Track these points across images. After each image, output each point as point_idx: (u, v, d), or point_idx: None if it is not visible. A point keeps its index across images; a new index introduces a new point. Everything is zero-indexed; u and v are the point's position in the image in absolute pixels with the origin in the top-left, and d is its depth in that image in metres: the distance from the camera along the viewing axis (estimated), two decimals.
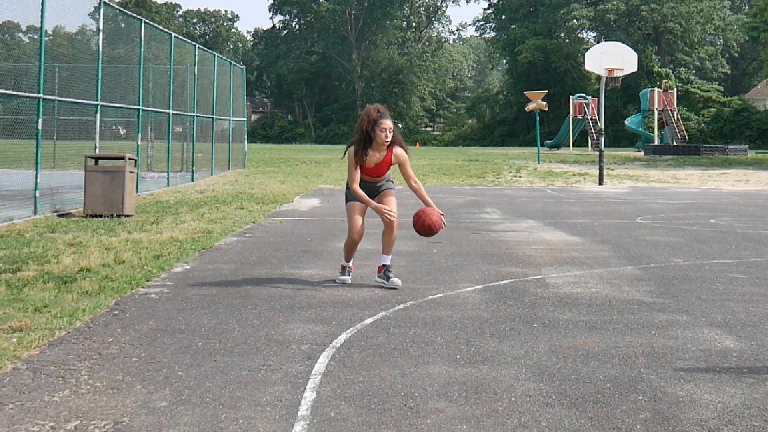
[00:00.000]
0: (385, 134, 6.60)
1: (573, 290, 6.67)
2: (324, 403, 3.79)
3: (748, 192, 19.75)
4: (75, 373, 4.20)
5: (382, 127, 6.58)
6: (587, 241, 9.83)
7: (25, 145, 14.30)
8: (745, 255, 8.79)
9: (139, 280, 6.69)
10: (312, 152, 50.51)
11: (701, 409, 3.78)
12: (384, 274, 6.79)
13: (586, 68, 22.42)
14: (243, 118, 29.44)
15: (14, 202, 11.98)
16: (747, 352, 4.78)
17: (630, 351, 4.77)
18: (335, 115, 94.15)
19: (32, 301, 5.80)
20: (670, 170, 31.16)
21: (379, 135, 6.59)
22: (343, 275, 7.00)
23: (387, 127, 6.60)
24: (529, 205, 15.16)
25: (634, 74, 34.92)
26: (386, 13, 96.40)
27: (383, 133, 6.59)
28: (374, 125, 6.59)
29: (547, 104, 37.38)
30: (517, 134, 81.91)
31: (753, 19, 48.79)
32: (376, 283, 6.79)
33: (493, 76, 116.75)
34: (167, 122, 18.60)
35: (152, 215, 11.89)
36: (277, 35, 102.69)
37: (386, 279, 6.76)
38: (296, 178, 22.92)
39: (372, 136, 6.60)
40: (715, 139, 68.21)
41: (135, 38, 16.79)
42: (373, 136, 6.60)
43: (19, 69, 15.26)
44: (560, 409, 3.76)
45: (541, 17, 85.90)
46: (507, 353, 4.69)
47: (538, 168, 31.21)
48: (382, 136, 6.58)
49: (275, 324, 5.35)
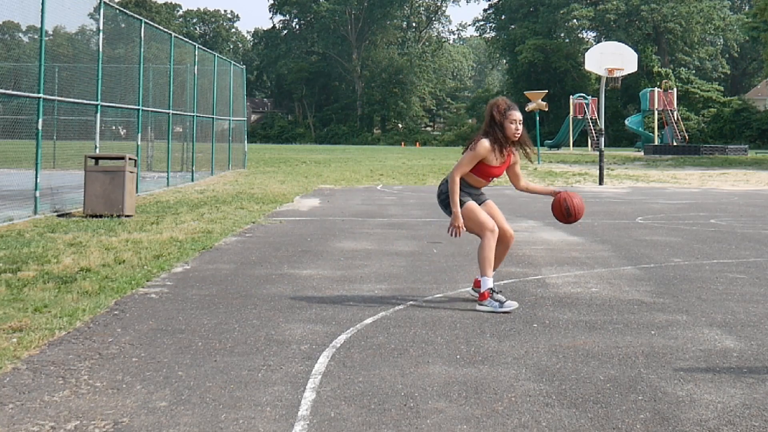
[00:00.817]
0: (515, 126, 5.95)
1: (573, 290, 6.67)
2: (324, 403, 3.79)
3: (748, 192, 19.75)
4: (75, 373, 4.20)
5: (512, 118, 5.95)
6: (587, 241, 9.83)
7: (25, 145, 14.30)
8: (745, 255, 8.79)
9: (139, 280, 6.69)
10: (312, 152, 50.51)
11: (701, 409, 3.78)
12: (491, 297, 5.85)
13: (586, 68, 22.43)
14: (243, 118, 29.44)
15: (14, 202, 11.98)
16: (747, 352, 4.78)
17: (630, 351, 4.77)
18: (335, 115, 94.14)
19: (32, 301, 5.80)
20: (670, 170, 31.16)
21: (509, 128, 5.94)
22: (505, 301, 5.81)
23: (517, 119, 5.96)
24: (529, 205, 15.16)
25: (634, 74, 34.92)
26: (386, 13, 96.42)
27: (513, 125, 5.95)
28: (504, 117, 5.95)
29: (547, 104, 37.37)
30: None
31: (753, 19, 48.80)
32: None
33: (493, 76, 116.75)
34: (167, 122, 18.60)
35: (152, 215, 11.89)
36: (277, 35, 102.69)
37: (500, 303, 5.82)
38: (296, 178, 22.91)
39: (503, 129, 5.95)
40: (715, 139, 68.18)
41: (135, 38, 16.79)
42: (503, 130, 5.95)
43: (19, 69, 15.26)
44: (560, 409, 3.75)
45: (541, 17, 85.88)
46: (507, 353, 4.69)
47: (538, 168, 31.21)
48: (512, 128, 5.94)
49: (275, 324, 5.35)
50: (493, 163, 6.00)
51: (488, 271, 5.86)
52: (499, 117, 5.95)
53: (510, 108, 5.98)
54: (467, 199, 6.05)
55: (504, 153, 6.02)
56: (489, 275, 5.85)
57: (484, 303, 5.81)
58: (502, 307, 5.76)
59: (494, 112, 5.97)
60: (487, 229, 5.93)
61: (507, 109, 5.97)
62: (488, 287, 5.83)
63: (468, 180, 6.08)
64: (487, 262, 5.86)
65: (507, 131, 5.95)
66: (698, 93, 76.11)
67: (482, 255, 5.89)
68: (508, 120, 5.94)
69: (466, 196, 6.07)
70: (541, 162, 36.49)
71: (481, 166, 6.00)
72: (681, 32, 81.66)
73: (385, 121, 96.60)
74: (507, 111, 5.96)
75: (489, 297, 5.81)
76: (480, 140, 5.95)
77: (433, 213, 13.30)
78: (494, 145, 5.94)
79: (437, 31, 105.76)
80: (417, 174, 26.04)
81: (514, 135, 5.96)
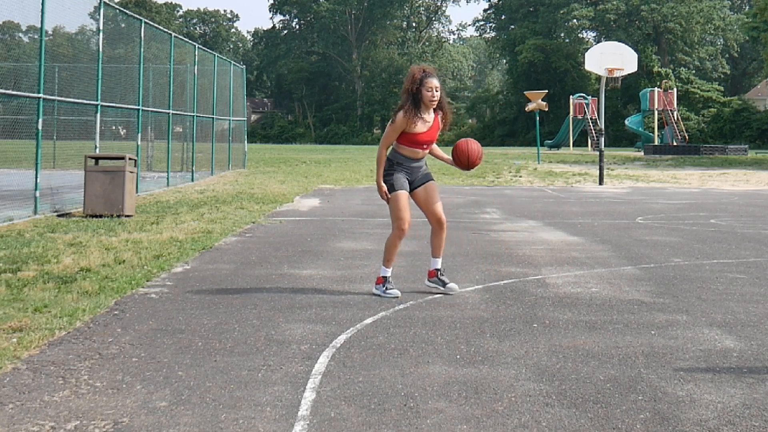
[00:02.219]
0: (432, 93, 6.23)
1: (573, 290, 6.67)
2: (324, 403, 3.79)
3: (748, 192, 19.75)
4: (75, 373, 4.20)
5: (428, 86, 6.22)
6: (587, 241, 9.83)
7: (25, 145, 14.30)
8: (745, 255, 8.79)
9: (139, 280, 6.69)
10: (312, 152, 50.51)
11: (701, 409, 3.78)
12: (438, 279, 6.50)
13: (586, 68, 22.42)
14: (243, 118, 29.44)
15: (14, 202, 11.98)
16: (747, 352, 4.78)
17: (630, 351, 4.77)
18: (335, 115, 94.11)
19: (32, 301, 5.80)
20: (670, 170, 31.16)
21: (426, 95, 6.22)
22: (391, 289, 6.34)
23: (434, 86, 6.24)
24: (529, 205, 15.16)
25: (634, 74, 34.93)
26: (386, 13, 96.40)
27: (429, 92, 6.23)
28: (420, 85, 6.23)
29: (547, 104, 37.36)
30: (517, 134, 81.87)
31: (753, 19, 48.79)
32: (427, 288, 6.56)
33: (493, 76, 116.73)
34: (167, 122, 18.60)
35: (152, 215, 11.89)
36: (277, 35, 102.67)
37: (442, 284, 6.48)
38: (296, 178, 22.91)
39: (419, 97, 6.23)
40: (715, 139, 68.17)
41: (135, 38, 16.79)
42: (420, 98, 6.23)
43: (19, 69, 15.25)
44: (560, 409, 3.76)
45: (541, 17, 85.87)
46: (507, 353, 4.69)
47: (538, 168, 31.21)
48: (428, 95, 6.22)
49: (275, 324, 5.35)
50: (418, 130, 6.27)
51: (386, 263, 6.36)
52: (416, 85, 6.23)
53: (427, 75, 6.26)
54: (402, 185, 6.33)
55: (428, 119, 6.30)
56: (386, 266, 6.36)
57: (377, 287, 6.36)
58: (386, 293, 6.27)
59: (408, 83, 6.28)
60: (397, 227, 6.30)
61: (423, 77, 6.25)
62: (383, 275, 6.35)
63: (402, 152, 6.37)
64: (387, 254, 6.37)
65: (424, 98, 6.22)
66: (698, 93, 76.09)
67: (386, 246, 6.41)
68: (425, 87, 6.22)
69: (402, 175, 6.36)
70: (541, 162, 36.49)
71: (407, 135, 6.28)
72: (681, 32, 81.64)
73: (385, 121, 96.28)
74: (423, 79, 6.24)
75: (381, 283, 6.34)
76: (396, 114, 6.28)
77: None
78: (408, 113, 6.21)
79: (437, 31, 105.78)
80: None
81: (430, 101, 6.23)
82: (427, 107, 6.29)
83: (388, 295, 6.27)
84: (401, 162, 6.37)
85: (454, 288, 6.47)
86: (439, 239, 6.52)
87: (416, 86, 6.26)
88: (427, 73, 6.31)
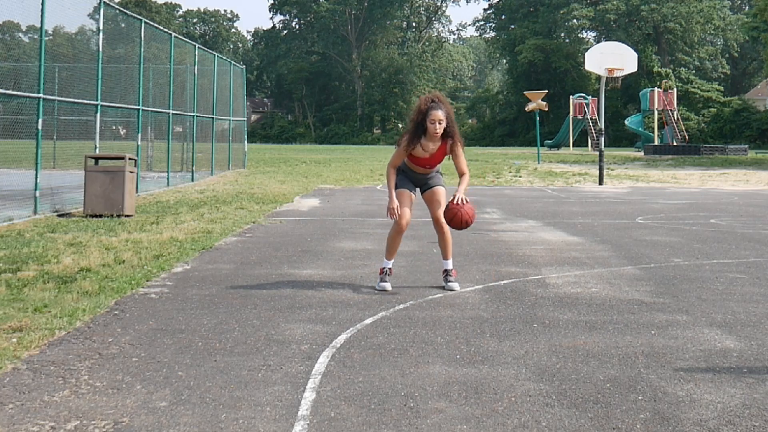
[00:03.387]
0: (435, 126, 6.37)
1: (573, 290, 6.67)
2: (324, 403, 3.79)
3: (748, 192, 19.75)
4: (75, 373, 4.20)
5: (432, 119, 6.37)
6: (587, 241, 9.83)
7: (25, 145, 14.30)
8: (745, 255, 8.79)
9: (139, 280, 6.69)
10: (312, 152, 50.51)
11: (701, 409, 3.78)
12: (444, 279, 6.73)
13: (586, 68, 22.42)
14: (243, 118, 29.44)
15: (14, 202, 11.98)
16: (747, 352, 4.78)
17: (630, 351, 4.77)
18: (335, 115, 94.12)
19: (32, 301, 5.80)
20: (670, 170, 31.16)
21: (429, 127, 6.38)
22: (384, 281, 6.63)
23: (437, 119, 6.36)
24: (529, 205, 15.16)
25: (634, 74, 34.92)
26: (386, 13, 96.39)
27: (433, 125, 6.37)
28: (424, 116, 6.39)
29: (547, 104, 37.36)
30: (517, 134, 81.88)
31: (753, 19, 48.79)
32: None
33: (493, 76, 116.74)
34: (167, 122, 18.60)
35: (152, 215, 11.89)
36: (277, 35, 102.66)
37: (444, 282, 6.71)
38: (296, 178, 22.92)
39: (424, 126, 6.41)
40: (715, 139, 68.18)
41: (135, 38, 16.79)
42: (424, 128, 6.42)
43: (19, 69, 15.25)
44: (560, 409, 3.76)
45: (541, 17, 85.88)
46: (507, 353, 4.69)
47: (538, 168, 31.21)
48: (432, 128, 6.37)
49: (275, 324, 5.35)
50: (419, 155, 6.52)
51: (386, 254, 6.68)
52: (420, 116, 6.41)
53: (431, 108, 6.39)
54: (404, 185, 6.64)
55: (431, 145, 6.47)
56: (387, 258, 6.67)
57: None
58: (378, 285, 6.56)
59: (416, 111, 6.46)
60: (396, 222, 6.54)
61: (428, 109, 6.39)
62: (383, 266, 6.65)
63: (409, 166, 6.68)
64: (387, 246, 6.70)
65: (428, 129, 6.40)
66: (698, 93, 76.11)
67: (387, 239, 6.74)
68: (429, 120, 6.37)
69: (406, 179, 6.68)
70: (541, 162, 36.49)
71: (411, 157, 6.57)
72: (681, 32, 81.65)
73: (385, 121, 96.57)
74: (429, 111, 6.38)
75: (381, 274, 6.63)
76: (401, 139, 6.55)
77: None
78: (411, 143, 6.45)
79: (437, 31, 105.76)
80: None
81: (434, 134, 6.40)
82: (431, 138, 6.45)
83: (379, 287, 6.52)
84: (406, 170, 6.70)
85: (453, 287, 6.61)
86: (442, 241, 6.71)
87: (421, 117, 6.42)
88: (433, 105, 6.41)
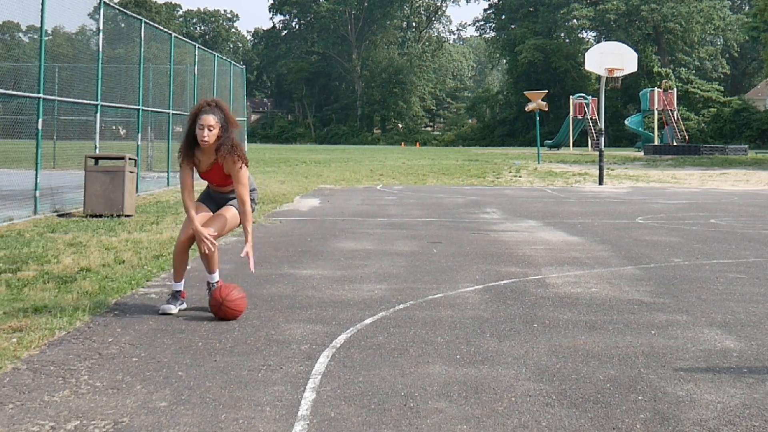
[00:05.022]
0: (204, 132, 5.26)
1: (573, 290, 6.67)
2: (324, 403, 3.79)
3: (748, 192, 19.75)
4: (75, 373, 4.20)
5: (200, 123, 5.27)
6: (587, 241, 9.82)
7: (25, 145, 14.30)
8: (745, 255, 8.79)
9: (139, 280, 6.69)
10: (312, 152, 50.51)
11: (701, 409, 3.78)
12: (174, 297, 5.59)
13: (586, 68, 22.42)
14: (243, 118, 29.45)
15: (14, 202, 11.97)
16: (747, 352, 4.78)
17: (630, 351, 4.77)
18: (335, 115, 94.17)
19: (32, 301, 5.80)
20: (670, 170, 31.16)
21: (198, 133, 5.28)
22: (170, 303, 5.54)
23: (207, 124, 5.25)
24: (529, 205, 15.16)
25: (634, 74, 34.92)
26: (386, 13, 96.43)
27: (202, 131, 5.26)
28: (193, 120, 5.31)
29: (547, 104, 37.39)
30: (517, 134, 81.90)
31: (753, 19, 48.82)
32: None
33: (493, 76, 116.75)
34: (167, 122, 18.61)
35: (152, 215, 11.89)
36: (277, 35, 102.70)
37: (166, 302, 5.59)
38: (296, 178, 22.92)
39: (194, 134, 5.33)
40: (715, 139, 68.19)
41: (135, 38, 16.79)
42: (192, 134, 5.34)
43: (19, 69, 15.25)
44: (560, 409, 3.75)
45: (541, 17, 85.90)
46: (507, 353, 4.69)
47: (538, 168, 31.21)
48: (199, 134, 5.28)
49: (275, 324, 5.35)
50: (201, 168, 5.49)
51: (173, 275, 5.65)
52: (190, 120, 5.38)
53: (201, 111, 5.32)
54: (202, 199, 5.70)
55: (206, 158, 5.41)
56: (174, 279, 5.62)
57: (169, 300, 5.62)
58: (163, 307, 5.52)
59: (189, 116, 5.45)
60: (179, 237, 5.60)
61: (198, 112, 5.34)
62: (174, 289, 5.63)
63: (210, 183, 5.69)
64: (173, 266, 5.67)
65: (197, 136, 5.31)
66: (698, 93, 76.12)
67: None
68: (198, 125, 5.30)
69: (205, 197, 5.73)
70: (541, 162, 36.49)
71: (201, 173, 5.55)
72: (681, 32, 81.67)
73: (385, 121, 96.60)
74: (198, 114, 5.32)
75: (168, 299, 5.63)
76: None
77: (433, 213, 13.30)
78: (184, 155, 5.41)
79: (437, 31, 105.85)
80: (417, 174, 26.04)
81: (201, 141, 5.29)
82: (204, 149, 5.36)
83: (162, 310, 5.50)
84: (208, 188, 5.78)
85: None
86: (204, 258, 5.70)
87: (192, 122, 5.33)
88: (206, 109, 5.33)
